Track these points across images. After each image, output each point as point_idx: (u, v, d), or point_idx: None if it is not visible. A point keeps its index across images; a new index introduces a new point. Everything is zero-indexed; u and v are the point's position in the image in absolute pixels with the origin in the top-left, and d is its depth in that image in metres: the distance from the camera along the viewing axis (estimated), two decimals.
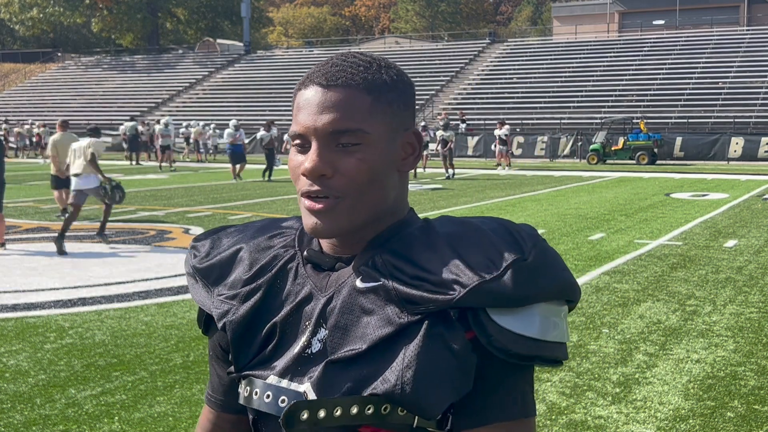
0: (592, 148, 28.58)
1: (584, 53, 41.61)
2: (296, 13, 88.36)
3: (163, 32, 66.40)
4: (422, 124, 26.44)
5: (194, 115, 40.65)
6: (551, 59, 41.53)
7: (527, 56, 43.01)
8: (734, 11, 51.39)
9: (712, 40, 40.09)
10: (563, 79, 38.57)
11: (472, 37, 62.76)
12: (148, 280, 8.14)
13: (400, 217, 1.10)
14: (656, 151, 27.97)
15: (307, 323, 1.07)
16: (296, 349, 1.06)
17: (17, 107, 48.10)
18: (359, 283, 1.03)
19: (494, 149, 27.31)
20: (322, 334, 1.05)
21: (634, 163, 27.66)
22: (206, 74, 49.67)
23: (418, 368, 0.96)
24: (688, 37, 41.56)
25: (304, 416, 1.00)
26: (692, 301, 7.15)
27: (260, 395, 1.07)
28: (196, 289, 1.16)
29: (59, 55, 60.47)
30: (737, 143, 28.60)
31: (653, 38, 42.55)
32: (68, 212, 10.74)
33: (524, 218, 12.92)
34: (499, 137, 25.96)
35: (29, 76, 55.38)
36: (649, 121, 31.23)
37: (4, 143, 9.89)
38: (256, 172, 22.95)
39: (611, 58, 40.20)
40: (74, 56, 59.80)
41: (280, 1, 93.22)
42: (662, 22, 50.99)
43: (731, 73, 35.58)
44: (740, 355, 5.53)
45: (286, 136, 23.07)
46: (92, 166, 10.20)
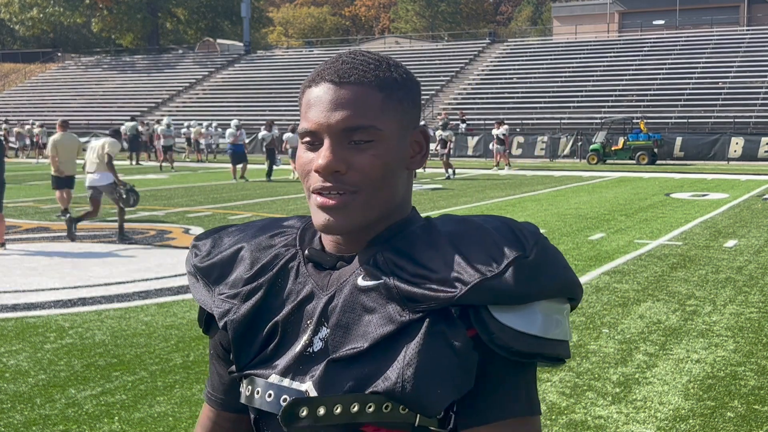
0: (592, 148, 28.58)
1: (584, 53, 41.61)
2: (296, 13, 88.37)
3: (163, 32, 66.42)
4: (422, 123, 26.38)
5: (194, 115, 40.66)
6: (551, 59, 41.53)
7: (527, 56, 43.02)
8: (734, 11, 51.40)
9: (712, 40, 40.10)
10: (563, 79, 38.57)
11: (472, 37, 62.77)
12: (148, 280, 8.14)
13: (403, 215, 1.10)
14: (656, 151, 27.96)
15: (308, 322, 1.06)
16: (298, 348, 1.06)
17: (17, 107, 48.11)
18: (361, 281, 1.03)
19: (492, 149, 27.31)
20: (323, 332, 1.04)
21: (634, 163, 27.66)
22: (206, 74, 49.68)
23: (419, 366, 0.96)
24: (688, 37, 41.57)
25: (303, 413, 0.99)
26: (692, 301, 7.15)
27: (262, 394, 1.06)
28: (197, 288, 1.16)
29: (59, 55, 60.48)
30: (737, 143, 28.60)
31: (653, 38, 42.56)
32: (85, 211, 11.02)
33: (524, 218, 12.90)
34: (496, 137, 25.94)
35: (29, 76, 55.39)
36: (649, 121, 31.23)
37: (4, 143, 9.90)
38: (256, 172, 22.95)
39: (611, 58, 40.20)
40: (74, 56, 59.81)
41: (280, 1, 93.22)
42: (662, 22, 50.99)
43: (731, 73, 35.58)
44: (740, 355, 5.53)
45: (285, 135, 23.01)
46: (109, 168, 10.53)
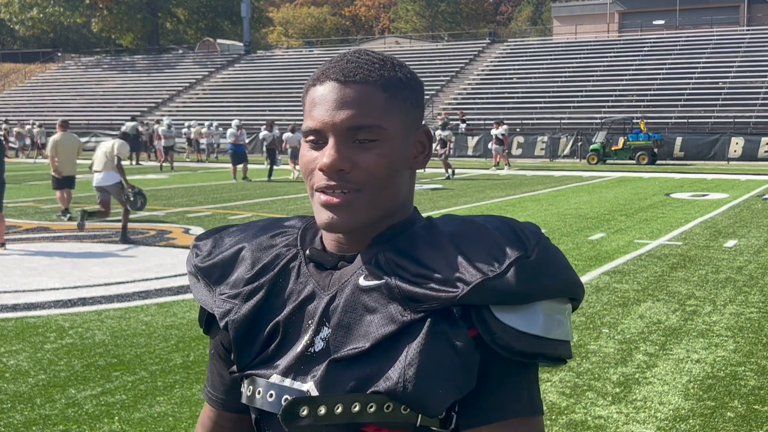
0: (592, 148, 28.57)
1: (584, 53, 41.61)
2: (296, 13, 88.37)
3: (163, 32, 66.41)
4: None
5: (194, 115, 40.65)
6: (551, 59, 41.53)
7: (527, 56, 43.02)
8: (734, 11, 51.40)
9: (712, 40, 40.09)
10: (563, 79, 38.57)
11: (472, 37, 62.75)
12: (148, 280, 8.14)
13: (405, 215, 1.10)
14: (656, 151, 27.95)
15: (309, 322, 1.06)
16: (299, 347, 1.06)
17: (17, 107, 48.10)
18: (362, 281, 1.03)
19: (491, 148, 27.29)
20: (325, 332, 1.04)
21: (634, 163, 27.65)
22: (206, 74, 49.68)
23: (420, 366, 0.96)
24: (688, 37, 41.56)
25: (303, 412, 0.99)
26: (692, 301, 7.15)
27: (263, 394, 1.06)
28: (197, 288, 1.16)
29: (59, 55, 60.47)
30: (737, 143, 28.59)
31: (653, 38, 42.55)
32: (98, 209, 11.09)
33: (524, 218, 12.89)
34: (495, 137, 25.90)
35: (29, 76, 55.39)
36: (649, 121, 31.23)
37: (4, 143, 9.90)
38: (256, 172, 22.94)
39: (611, 58, 40.20)
40: (74, 56, 59.80)
41: (280, 1, 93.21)
42: (662, 22, 50.99)
43: (731, 73, 35.58)
44: (740, 355, 5.53)
45: (284, 135, 23.02)
46: (118, 169, 10.69)
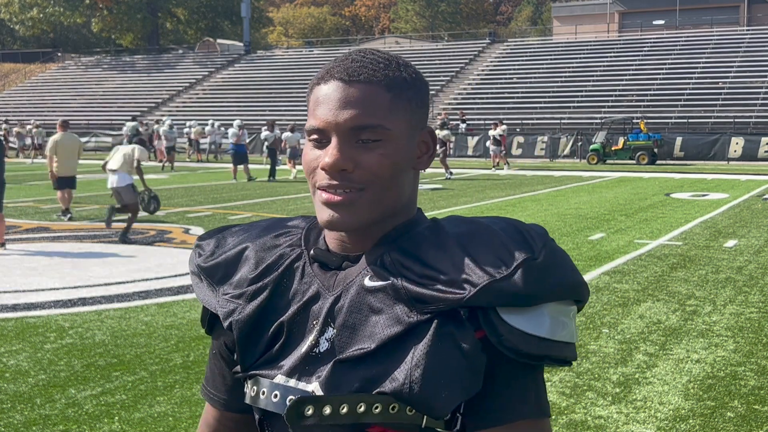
0: (592, 148, 28.57)
1: (584, 53, 41.60)
2: (296, 13, 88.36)
3: (163, 32, 66.39)
4: None
5: (194, 115, 40.63)
6: (551, 59, 41.52)
7: (527, 56, 43.01)
8: (734, 11, 51.39)
9: (712, 40, 40.09)
10: (563, 79, 38.56)
11: (472, 37, 62.75)
12: (148, 280, 8.14)
13: (409, 216, 1.09)
14: (656, 151, 27.95)
15: (314, 322, 1.06)
16: (304, 348, 1.05)
17: (17, 107, 48.08)
18: (368, 281, 1.02)
19: (488, 147, 27.26)
20: (330, 333, 1.04)
21: (634, 163, 27.65)
22: (206, 74, 49.66)
23: (426, 367, 0.96)
24: (688, 37, 41.56)
25: (308, 412, 0.99)
26: (692, 301, 7.15)
27: (267, 395, 1.06)
28: (200, 288, 1.15)
29: (59, 55, 60.45)
30: (737, 143, 28.59)
31: (653, 38, 42.55)
32: (127, 216, 11.18)
33: (524, 218, 12.91)
34: (492, 137, 25.84)
35: (29, 76, 55.37)
36: (649, 121, 31.22)
37: (4, 143, 9.90)
38: (256, 172, 22.93)
39: (611, 58, 40.19)
40: (74, 56, 59.77)
41: (280, 1, 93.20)
42: (662, 22, 50.99)
43: (731, 73, 35.58)
44: (740, 355, 5.53)
45: (284, 135, 23.02)
46: (138, 173, 10.89)
